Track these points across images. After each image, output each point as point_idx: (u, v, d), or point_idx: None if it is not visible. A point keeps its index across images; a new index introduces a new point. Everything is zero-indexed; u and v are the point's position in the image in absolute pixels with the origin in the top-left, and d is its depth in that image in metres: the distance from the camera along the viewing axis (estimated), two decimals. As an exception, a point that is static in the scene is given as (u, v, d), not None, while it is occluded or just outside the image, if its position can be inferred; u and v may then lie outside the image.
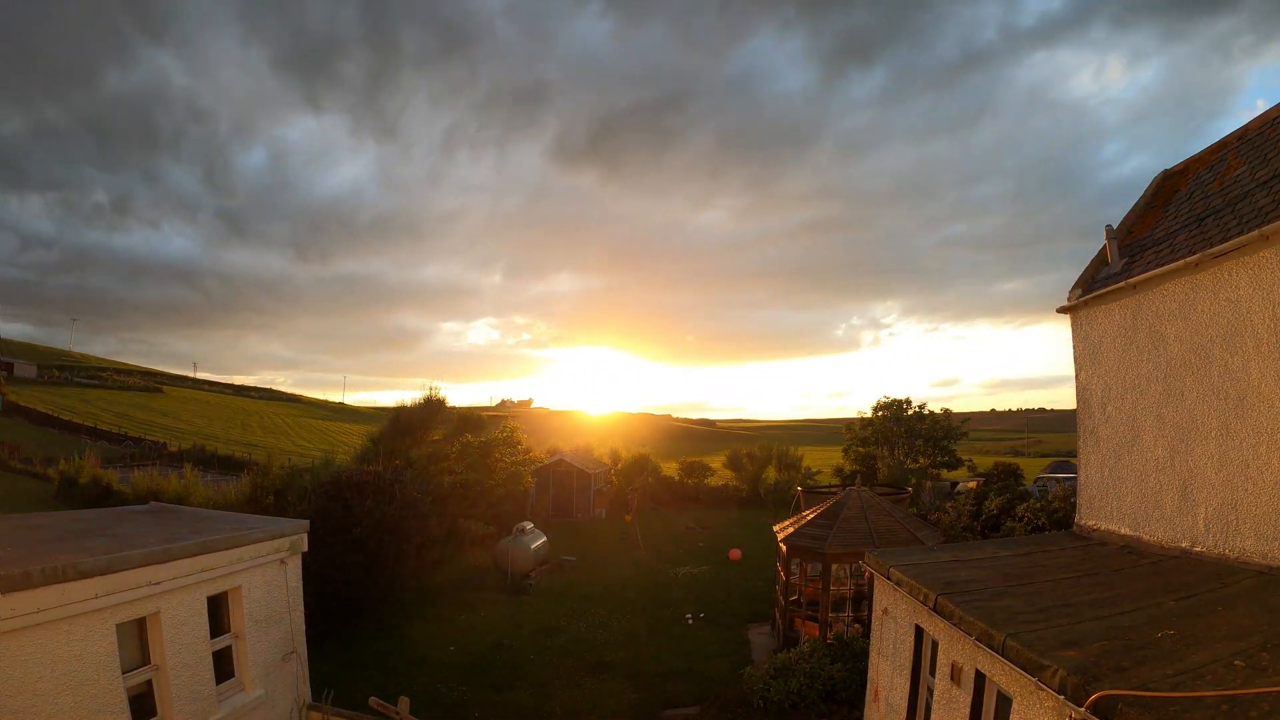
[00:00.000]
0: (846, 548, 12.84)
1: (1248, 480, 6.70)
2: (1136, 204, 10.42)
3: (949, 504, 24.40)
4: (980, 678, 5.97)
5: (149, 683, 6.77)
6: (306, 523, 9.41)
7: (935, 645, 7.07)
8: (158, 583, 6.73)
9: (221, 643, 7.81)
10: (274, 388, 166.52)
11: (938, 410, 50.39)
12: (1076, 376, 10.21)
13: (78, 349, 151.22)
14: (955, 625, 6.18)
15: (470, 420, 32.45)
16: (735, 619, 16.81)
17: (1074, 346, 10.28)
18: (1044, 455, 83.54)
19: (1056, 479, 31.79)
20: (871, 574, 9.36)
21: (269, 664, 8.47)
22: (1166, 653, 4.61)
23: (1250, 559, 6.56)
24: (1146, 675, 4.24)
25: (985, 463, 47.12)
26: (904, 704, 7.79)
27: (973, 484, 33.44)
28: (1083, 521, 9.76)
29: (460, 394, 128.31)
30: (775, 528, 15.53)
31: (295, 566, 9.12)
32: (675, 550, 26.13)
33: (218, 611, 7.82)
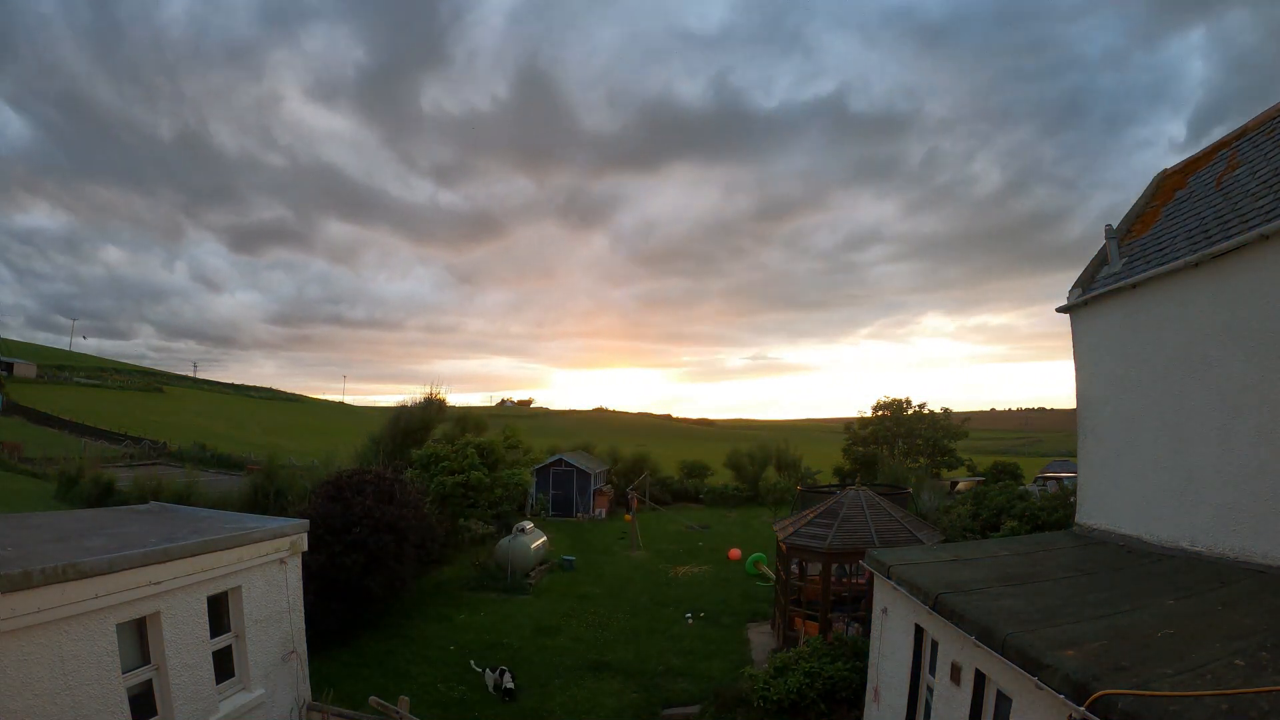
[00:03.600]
0: (846, 547, 12.84)
1: (1247, 480, 6.70)
2: (1136, 204, 10.43)
3: (948, 503, 24.40)
4: (980, 677, 5.97)
5: (149, 682, 6.77)
6: (306, 522, 9.42)
7: (935, 645, 7.07)
8: (158, 583, 6.73)
9: (222, 642, 7.81)
10: (274, 387, 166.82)
11: (937, 410, 50.56)
12: (1076, 376, 10.22)
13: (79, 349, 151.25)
14: (955, 625, 6.18)
15: (470, 420, 32.49)
16: (735, 618, 16.80)
17: (1074, 346, 10.30)
18: (1043, 455, 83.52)
19: (1056, 478, 31.78)
20: (871, 573, 9.37)
21: (269, 664, 8.47)
22: (1166, 652, 4.62)
23: (1250, 559, 6.57)
24: (1147, 674, 4.24)
25: (985, 462, 47.08)
26: (904, 703, 7.80)
27: (972, 483, 33.44)
28: (1083, 521, 9.77)
29: (460, 395, 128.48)
30: (775, 527, 15.53)
31: (295, 566, 9.13)
32: (675, 550, 26.12)
33: (218, 611, 7.82)
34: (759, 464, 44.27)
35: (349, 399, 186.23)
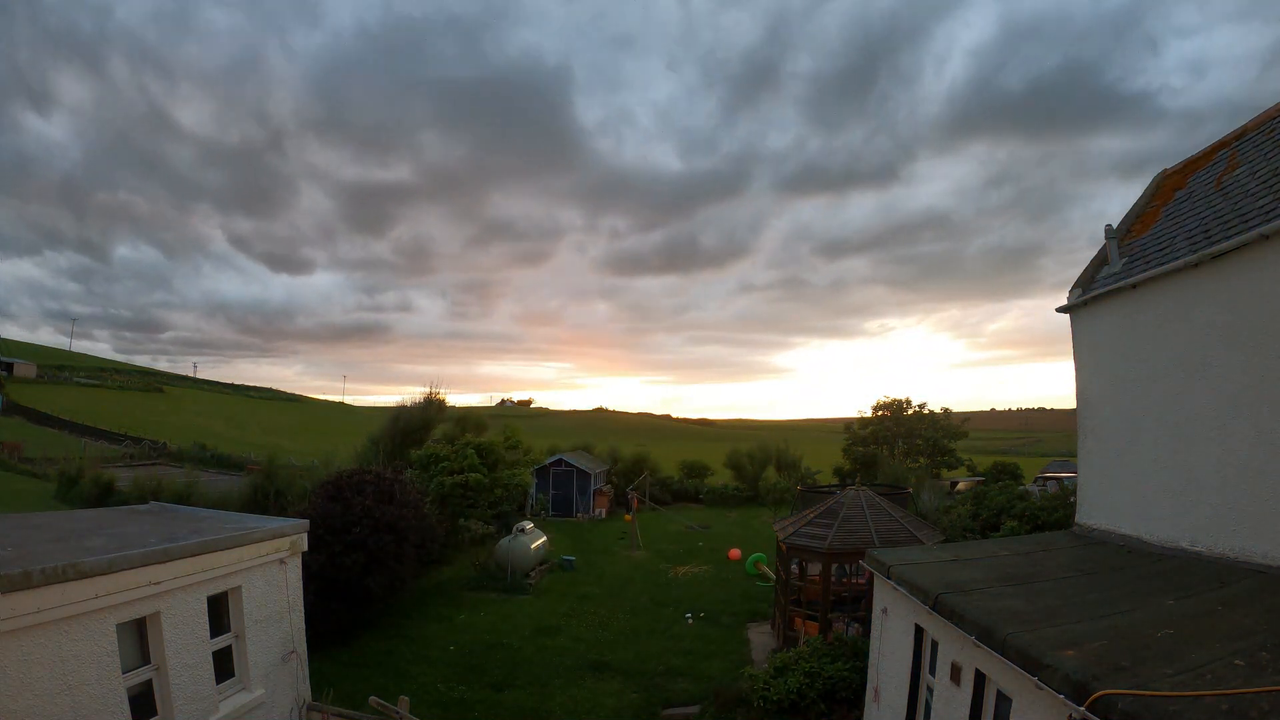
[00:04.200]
0: (846, 547, 12.84)
1: (1247, 480, 6.70)
2: (1136, 204, 10.43)
3: (948, 503, 24.40)
4: (980, 677, 5.97)
5: (149, 683, 6.77)
6: (306, 522, 9.41)
7: (935, 645, 7.07)
8: (158, 583, 6.73)
9: (222, 642, 7.81)
10: (274, 387, 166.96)
11: (937, 410, 50.56)
12: (1076, 376, 10.22)
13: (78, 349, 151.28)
14: (955, 625, 6.18)
15: (470, 420, 32.48)
16: (735, 618, 16.81)
17: (1074, 346, 10.30)
18: (1043, 455, 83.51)
19: (1056, 478, 31.78)
20: (871, 573, 9.37)
21: (269, 664, 8.47)
22: (1166, 652, 4.62)
23: (1250, 559, 6.57)
24: (1146, 675, 4.24)
25: (984, 462, 47.07)
26: (904, 703, 7.79)
27: (972, 483, 33.43)
28: (1083, 521, 9.77)
29: (460, 395, 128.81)
30: (775, 527, 15.54)
31: (295, 566, 9.13)
32: (675, 550, 26.12)
33: (218, 611, 7.82)
34: (759, 464, 44.27)
35: (349, 399, 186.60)
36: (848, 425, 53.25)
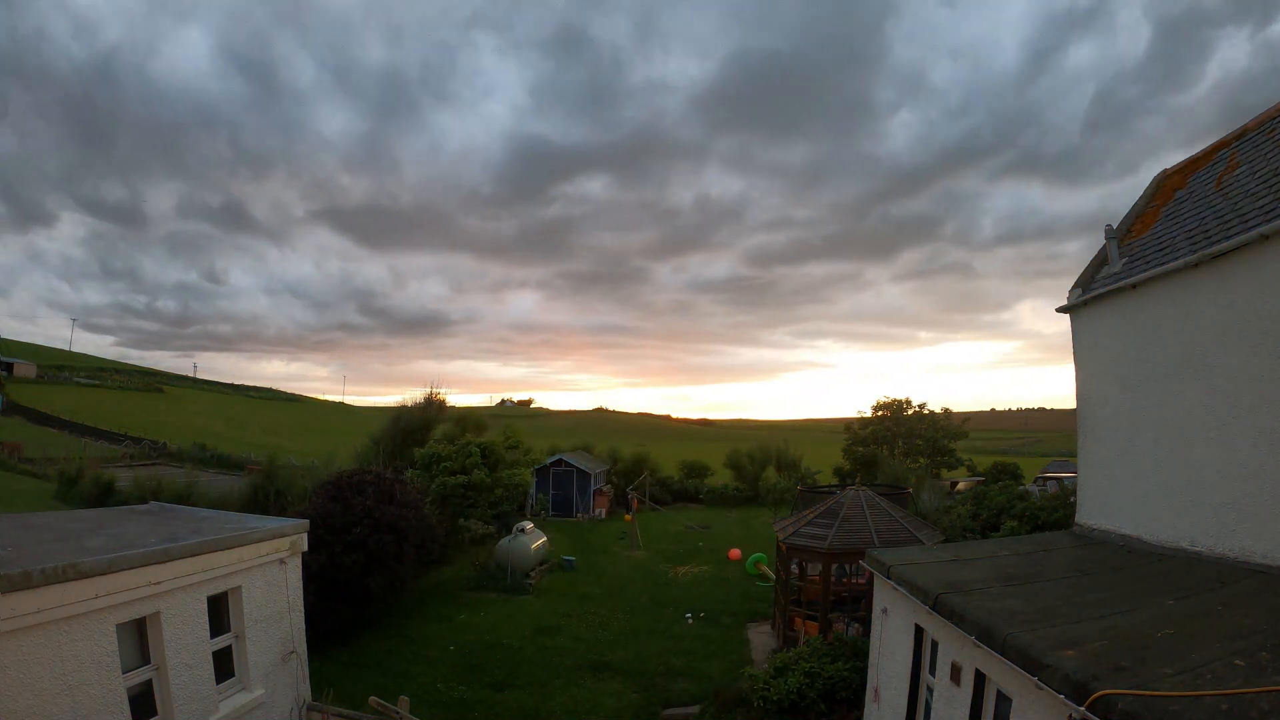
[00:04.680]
0: (846, 547, 12.84)
1: (1247, 480, 6.70)
2: (1136, 204, 10.44)
3: (948, 503, 24.38)
4: (980, 677, 5.97)
5: (149, 683, 6.77)
6: (306, 522, 9.41)
7: (935, 645, 7.07)
8: (158, 583, 6.73)
9: (222, 642, 7.81)
10: (274, 387, 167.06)
11: (938, 410, 50.57)
12: (1076, 376, 10.22)
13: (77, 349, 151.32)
14: (955, 625, 6.18)
15: (470, 420, 32.52)
16: (735, 618, 16.80)
17: (1074, 346, 10.30)
18: (1043, 455, 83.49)
19: (1056, 478, 31.77)
20: (871, 573, 9.37)
21: (269, 664, 8.47)
22: (1166, 652, 4.62)
23: (1250, 559, 6.57)
24: (1146, 675, 4.24)
25: (984, 462, 47.06)
26: (904, 703, 7.80)
27: (972, 483, 33.42)
28: (1082, 521, 9.77)
29: (460, 395, 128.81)
30: (775, 527, 15.53)
31: (295, 566, 9.13)
32: (675, 550, 26.12)
33: (218, 611, 7.82)
34: (759, 464, 44.23)
35: (349, 399, 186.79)
36: (848, 425, 53.26)
